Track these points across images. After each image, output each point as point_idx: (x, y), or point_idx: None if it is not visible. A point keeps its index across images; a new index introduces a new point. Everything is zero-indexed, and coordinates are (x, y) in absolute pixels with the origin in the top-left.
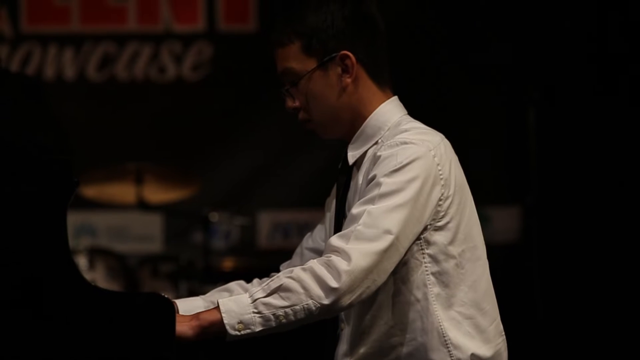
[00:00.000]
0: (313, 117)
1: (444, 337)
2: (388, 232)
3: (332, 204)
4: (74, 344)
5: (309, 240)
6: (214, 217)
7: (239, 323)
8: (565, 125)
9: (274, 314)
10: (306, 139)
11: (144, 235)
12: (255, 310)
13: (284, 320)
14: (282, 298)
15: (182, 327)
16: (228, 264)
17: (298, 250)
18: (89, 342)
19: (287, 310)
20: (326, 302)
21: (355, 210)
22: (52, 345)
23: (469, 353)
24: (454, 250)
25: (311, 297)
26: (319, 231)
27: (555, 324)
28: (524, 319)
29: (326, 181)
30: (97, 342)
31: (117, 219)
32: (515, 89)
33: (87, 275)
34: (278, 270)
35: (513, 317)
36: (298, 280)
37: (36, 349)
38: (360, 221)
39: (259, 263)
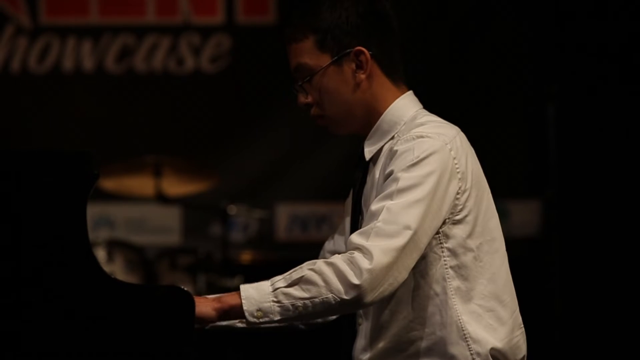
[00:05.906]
0: (326, 112)
1: (463, 330)
2: (407, 227)
3: (350, 205)
4: (92, 336)
5: (330, 243)
6: (232, 209)
7: (257, 310)
8: (585, 118)
9: (293, 305)
10: (324, 132)
11: (163, 227)
12: (275, 300)
13: (302, 312)
14: (303, 290)
15: (206, 309)
16: (246, 256)
17: (321, 253)
18: (108, 335)
19: (307, 302)
20: (346, 297)
21: (374, 206)
22: (71, 337)
23: (488, 347)
24: (472, 243)
25: (331, 291)
26: (339, 234)
27: (575, 319)
28: (543, 313)
29: (344, 174)
30: (116, 335)
31: (136, 211)
32: (535, 82)
33: (106, 268)
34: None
35: (532, 311)
36: (320, 273)
37: (54, 341)
38: (380, 218)
39: (277, 255)
